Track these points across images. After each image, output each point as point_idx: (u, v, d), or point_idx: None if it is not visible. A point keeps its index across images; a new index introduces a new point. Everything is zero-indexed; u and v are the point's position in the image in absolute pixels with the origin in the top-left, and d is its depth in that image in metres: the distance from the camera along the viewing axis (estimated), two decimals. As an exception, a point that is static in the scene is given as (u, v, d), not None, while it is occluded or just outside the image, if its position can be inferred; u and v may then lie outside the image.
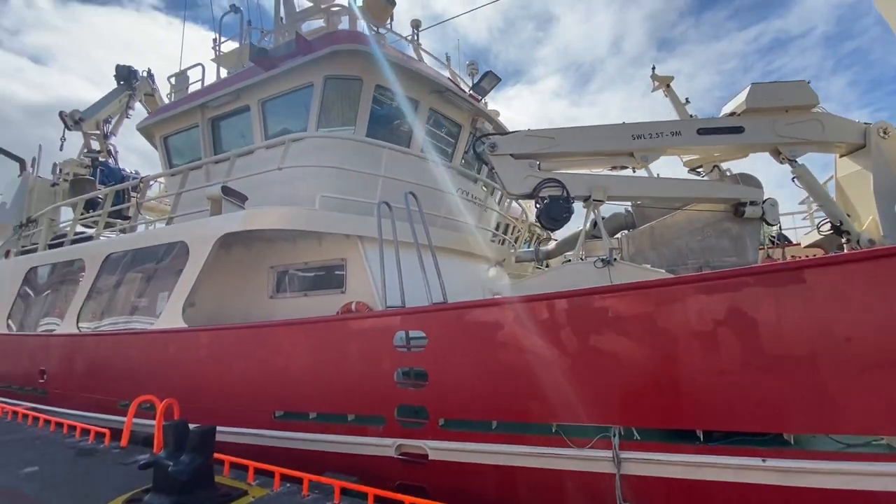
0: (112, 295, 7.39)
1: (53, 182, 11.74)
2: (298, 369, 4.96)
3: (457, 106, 8.15)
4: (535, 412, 3.69)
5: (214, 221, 6.17)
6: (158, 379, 6.16)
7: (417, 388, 4.23)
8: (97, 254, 7.47)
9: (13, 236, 10.12)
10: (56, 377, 7.59)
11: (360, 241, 6.38)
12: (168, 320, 6.22)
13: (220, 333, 5.70)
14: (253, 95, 7.54)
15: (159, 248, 6.81)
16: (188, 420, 5.59)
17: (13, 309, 8.85)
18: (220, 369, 5.57)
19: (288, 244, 7.08)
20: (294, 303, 6.99)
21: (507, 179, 6.52)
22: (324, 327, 4.88)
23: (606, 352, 3.47)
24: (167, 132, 8.78)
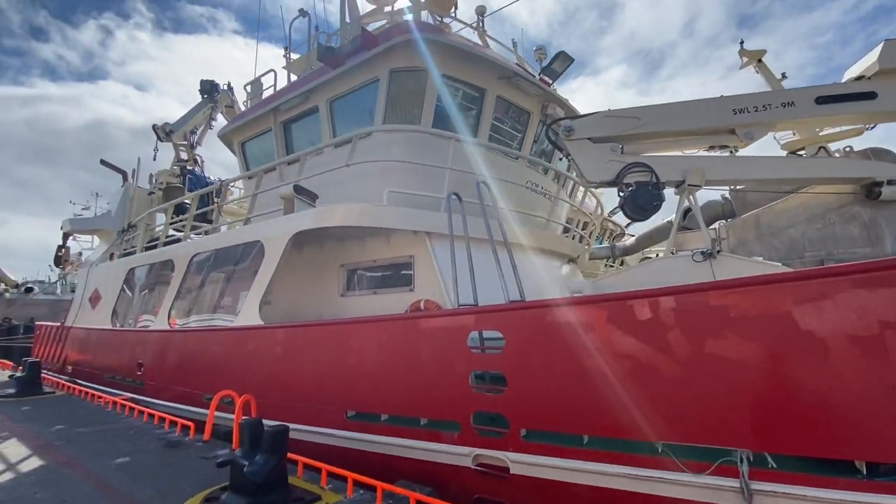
0: (198, 293, 7.78)
1: (150, 191, 12.84)
2: (370, 369, 4.78)
3: (526, 92, 7.67)
4: (636, 428, 3.16)
5: (287, 220, 6.22)
6: (238, 374, 6.33)
7: (495, 394, 3.85)
8: (184, 255, 7.92)
9: (117, 240, 11.15)
10: (151, 370, 8.15)
11: (427, 237, 6.13)
12: (246, 317, 6.37)
13: (293, 331, 5.71)
14: (321, 96, 7.60)
15: (238, 248, 7.04)
16: (264, 416, 5.68)
17: (116, 306, 9.70)
18: (294, 366, 5.57)
19: (357, 242, 7.02)
20: (363, 301, 6.91)
21: (585, 166, 5.95)
22: (394, 326, 4.66)
23: (730, 358, 2.86)
24: (244, 138, 9.16)
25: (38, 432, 5.56)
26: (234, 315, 6.94)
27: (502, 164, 7.48)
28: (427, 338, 4.33)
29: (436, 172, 6.45)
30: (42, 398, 7.92)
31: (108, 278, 10.19)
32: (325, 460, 4.40)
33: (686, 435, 3.00)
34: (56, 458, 4.60)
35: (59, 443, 5.13)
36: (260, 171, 7.53)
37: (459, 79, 6.96)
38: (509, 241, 6.17)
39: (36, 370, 8.29)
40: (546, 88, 7.67)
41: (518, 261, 6.95)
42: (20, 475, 4.08)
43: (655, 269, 5.51)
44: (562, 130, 6.02)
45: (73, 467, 4.30)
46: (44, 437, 5.36)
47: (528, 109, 7.89)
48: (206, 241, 7.68)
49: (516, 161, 7.87)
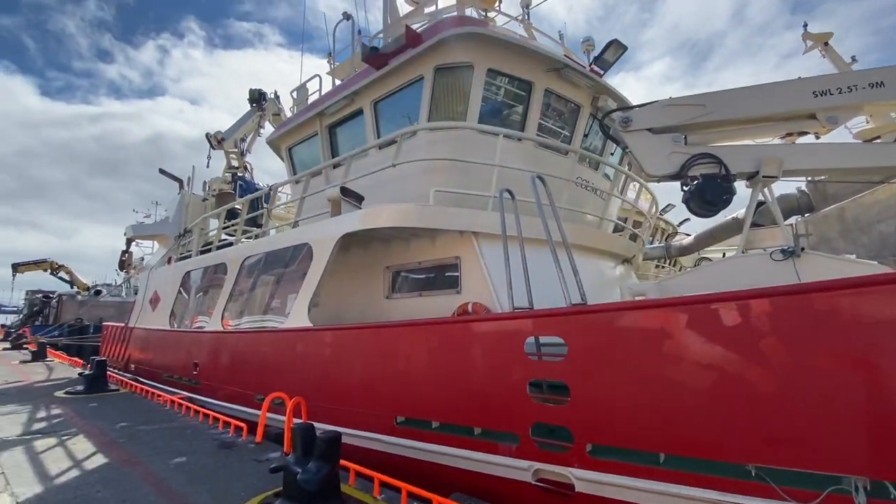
0: (249, 295, 7.94)
1: (203, 197, 13.42)
2: (419, 373, 4.62)
3: (575, 84, 7.32)
4: (723, 447, 2.80)
5: (334, 222, 6.20)
6: (287, 376, 6.36)
7: (556, 405, 3.57)
8: (236, 258, 8.12)
9: (174, 245, 11.68)
10: (206, 369, 8.40)
11: (474, 237, 5.93)
12: (295, 319, 6.39)
13: (342, 333, 5.65)
14: (365, 98, 7.58)
15: (287, 250, 7.11)
16: (313, 418, 5.68)
17: (174, 308, 10.11)
18: (342, 369, 5.51)
19: (402, 243, 6.93)
20: (409, 303, 6.80)
21: (645, 158, 5.56)
22: (446, 329, 4.47)
23: (841, 370, 2.46)
24: (291, 143, 9.32)
25: (104, 429, 5.79)
26: (284, 317, 7.01)
27: (551, 161, 7.18)
28: (480, 342, 4.10)
29: (482, 171, 6.25)
30: (107, 395, 8.34)
31: (166, 281, 10.67)
32: (373, 466, 4.27)
33: (786, 457, 2.62)
34: (119, 455, 4.73)
35: (121, 440, 5.30)
36: (307, 174, 7.59)
37: (506, 72, 6.73)
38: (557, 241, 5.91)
39: (102, 369, 8.76)
40: (598, 79, 7.29)
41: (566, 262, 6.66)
42: (85, 472, 4.21)
43: (727, 269, 5.03)
44: (618, 121, 5.66)
45: (134, 465, 4.39)
46: (108, 434, 5.57)
47: (577, 102, 7.54)
48: (256, 244, 7.83)
49: (566, 157, 7.53)
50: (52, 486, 3.88)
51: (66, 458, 4.64)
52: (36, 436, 5.51)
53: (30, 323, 29.40)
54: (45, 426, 6.00)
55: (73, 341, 22.54)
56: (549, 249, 4.24)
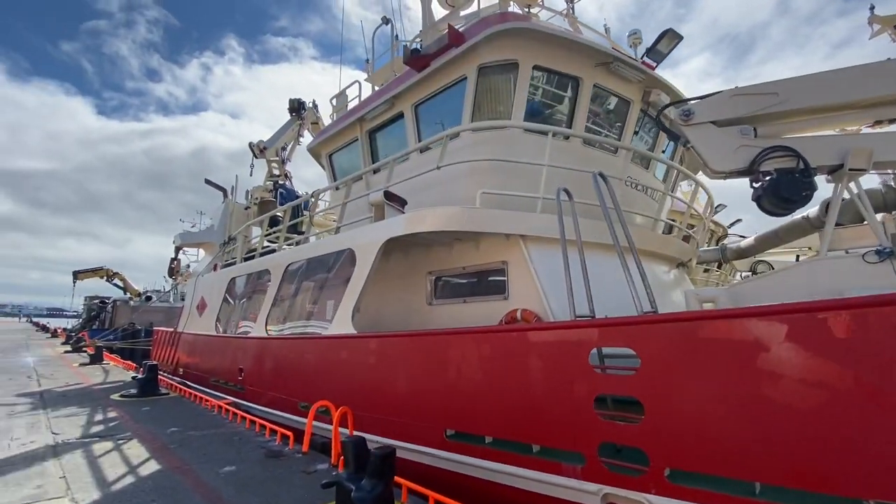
0: (292, 301, 7.97)
1: (246, 206, 13.77)
2: (471, 384, 4.38)
3: (625, 79, 6.95)
4: (835, 478, 2.42)
5: (378, 227, 6.09)
6: (331, 383, 6.28)
7: (628, 423, 3.26)
8: (279, 264, 8.18)
9: (219, 253, 11.99)
10: (250, 375, 8.49)
11: (521, 241, 5.67)
12: (339, 326, 6.32)
13: (387, 340, 5.51)
14: (406, 101, 7.48)
15: (329, 256, 7.08)
16: (359, 428, 5.55)
17: (219, 313, 10.34)
18: (387, 377, 5.35)
19: (444, 249, 6.76)
20: (452, 310, 6.60)
21: (710, 154, 5.15)
22: (501, 338, 4.22)
23: None
24: (331, 150, 9.36)
25: (156, 434, 5.87)
26: (327, 323, 6.96)
27: (600, 160, 6.83)
28: (540, 352, 3.83)
29: (528, 172, 6.01)
30: (159, 399, 8.56)
31: (212, 288, 10.94)
32: (422, 481, 4.07)
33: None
34: (170, 462, 4.74)
35: (172, 446, 5.34)
36: (349, 179, 7.56)
37: (552, 69, 6.45)
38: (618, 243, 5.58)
39: (154, 373, 9.02)
40: (650, 72, 6.89)
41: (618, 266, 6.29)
42: (140, 479, 4.21)
43: (810, 273, 4.55)
44: (678, 115, 5.29)
45: (185, 473, 4.38)
46: (160, 439, 5.63)
47: (627, 98, 7.16)
48: (299, 250, 7.85)
49: (615, 156, 7.16)
50: (108, 493, 3.89)
51: (122, 463, 4.69)
52: (94, 439, 5.65)
53: (88, 327, 31.19)
54: (102, 429, 6.16)
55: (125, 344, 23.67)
56: (615, 253, 3.94)
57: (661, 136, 7.99)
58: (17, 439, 5.55)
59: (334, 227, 7.80)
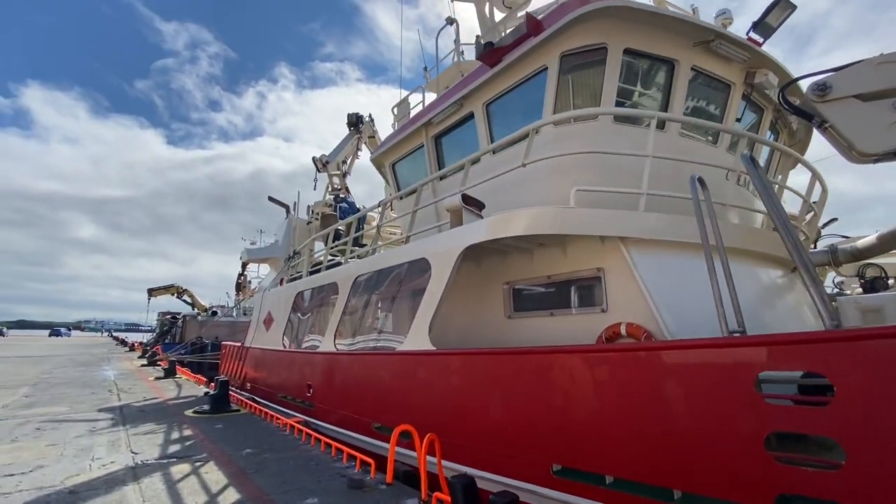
0: (362, 315, 7.65)
1: (308, 220, 13.88)
2: (587, 411, 3.74)
3: (727, 59, 6.14)
4: None
5: (456, 234, 5.62)
6: (408, 404, 5.81)
7: (819, 470, 2.50)
8: (347, 277, 7.91)
9: (284, 267, 12.05)
10: (319, 392, 8.23)
11: (621, 244, 4.97)
12: (414, 341, 5.87)
13: (475, 358, 4.96)
14: (477, 100, 7.04)
15: (401, 267, 6.69)
16: (444, 456, 5.02)
17: (286, 328, 10.26)
18: (476, 400, 4.80)
19: (524, 256, 6.17)
20: (537, 323, 5.98)
21: (857, 133, 4.26)
22: (625, 358, 3.56)
23: None
24: (395, 158, 9.10)
25: (232, 456, 5.64)
26: (400, 337, 6.55)
27: (700, 151, 6.04)
28: (683, 375, 3.14)
29: (618, 169, 5.37)
30: (230, 416, 8.48)
31: (278, 302, 10.93)
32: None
33: None
34: (249, 490, 4.42)
35: (250, 471, 5.05)
36: (419, 186, 7.18)
37: (645, 52, 5.77)
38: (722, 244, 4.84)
39: (225, 389, 9.00)
40: (758, 50, 6.04)
41: (741, 271, 5.41)
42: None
43: None
44: (811, 91, 4.44)
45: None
46: (236, 462, 5.37)
47: (728, 80, 6.32)
48: (369, 261, 7.54)
49: (716, 146, 6.32)
50: (190, 527, 3.58)
51: (201, 489, 4.43)
52: (171, 460, 5.49)
53: (161, 341, 33.00)
54: (178, 449, 6.02)
55: (194, 358, 24.70)
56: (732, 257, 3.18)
57: (763, 124, 7.04)
58: (98, 459, 5.49)
59: (398, 239, 7.43)
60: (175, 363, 16.34)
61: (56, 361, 21.54)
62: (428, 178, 7.40)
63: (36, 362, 21.05)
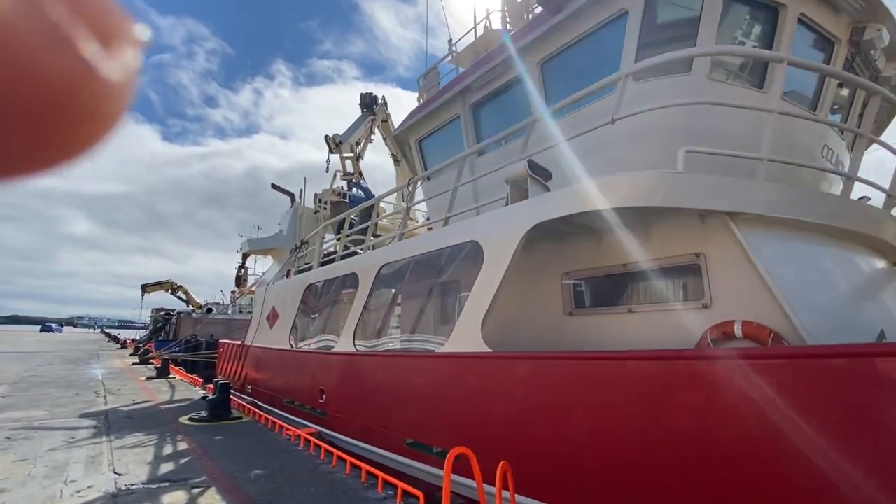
0: (388, 310, 6.59)
1: (316, 209, 12.79)
2: (749, 444, 2.71)
3: (835, 8, 5.15)
4: None
5: (519, 209, 4.58)
6: (454, 418, 4.78)
7: None
8: (370, 267, 6.85)
9: (291, 258, 10.97)
10: (335, 398, 7.17)
11: (731, 222, 3.96)
12: (461, 342, 4.83)
13: (554, 364, 3.93)
14: (531, 58, 6.01)
15: (441, 253, 5.64)
16: (505, 486, 3.99)
17: (294, 325, 9.17)
18: (560, 419, 3.76)
19: (588, 241, 5.15)
20: (609, 322, 4.96)
21: None
22: (813, 367, 2.54)
23: None
24: (423, 134, 8.05)
25: (237, 480, 4.57)
26: (438, 337, 5.51)
27: (797, 120, 5.04)
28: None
29: (718, 132, 4.40)
30: (231, 425, 7.40)
31: (285, 296, 9.85)
32: None
33: None
34: (265, 533, 3.36)
35: (262, 502, 3.98)
36: (458, 160, 6.12)
37: None
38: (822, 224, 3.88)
39: (226, 393, 7.91)
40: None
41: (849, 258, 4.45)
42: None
43: None
44: None
45: (292, 561, 2.95)
46: (244, 490, 4.30)
47: (832, 36, 5.32)
48: (399, 248, 6.46)
49: (814, 112, 5.34)
50: None
51: (201, 533, 3.36)
52: (163, 484, 4.41)
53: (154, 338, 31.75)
54: (172, 469, 4.94)
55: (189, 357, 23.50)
56: None
57: (857, 98, 6.06)
58: (72, 482, 4.41)
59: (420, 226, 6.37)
60: (168, 362, 15.18)
61: (44, 358, 20.32)
62: (469, 149, 6.32)
63: (23, 358, 19.83)
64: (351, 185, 11.18)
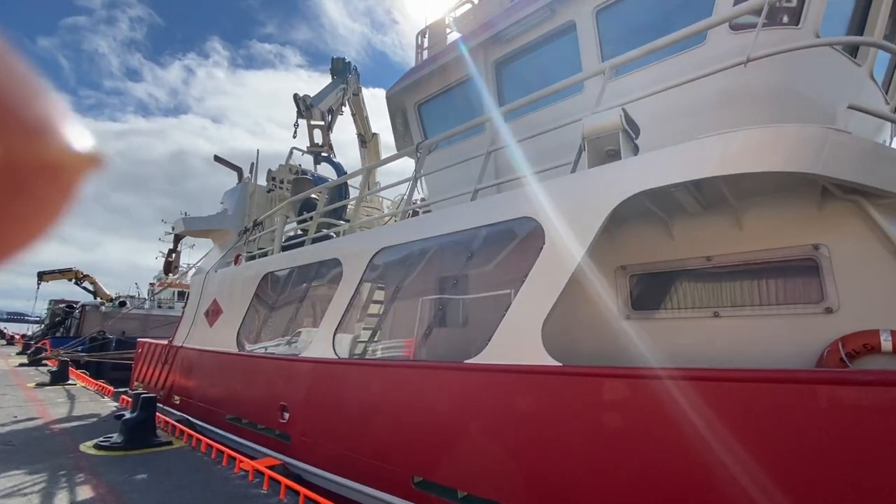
0: (390, 307, 5.15)
1: (269, 188, 10.92)
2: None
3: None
4: None
5: (608, 175, 3.42)
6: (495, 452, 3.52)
7: None
8: (359, 252, 5.36)
9: (239, 241, 9.08)
10: (301, 418, 5.58)
11: (867, 205, 3.13)
12: (506, 350, 3.59)
13: (672, 384, 2.78)
14: (582, 5, 4.92)
15: (477, 234, 4.33)
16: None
17: (244, 323, 7.38)
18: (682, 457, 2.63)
19: (653, 228, 4.17)
20: (684, 328, 3.98)
21: None
22: None
23: None
24: (424, 97, 6.69)
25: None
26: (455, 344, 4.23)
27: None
28: None
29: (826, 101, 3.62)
30: (158, 453, 5.54)
31: (232, 287, 7.99)
32: None
33: None
34: None
35: None
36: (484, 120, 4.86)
37: None
38: None
39: (150, 411, 5.96)
40: None
41: None
42: None
43: None
44: None
45: None
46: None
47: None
48: (406, 227, 5.01)
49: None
50: None
51: None
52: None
53: (51, 334, 27.28)
54: (66, 540, 3.19)
55: (94, 357, 20.02)
56: None
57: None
58: None
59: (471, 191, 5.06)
60: (68, 363, 12.36)
61: None
62: (507, 105, 5.01)
63: None
64: (319, 159, 9.51)
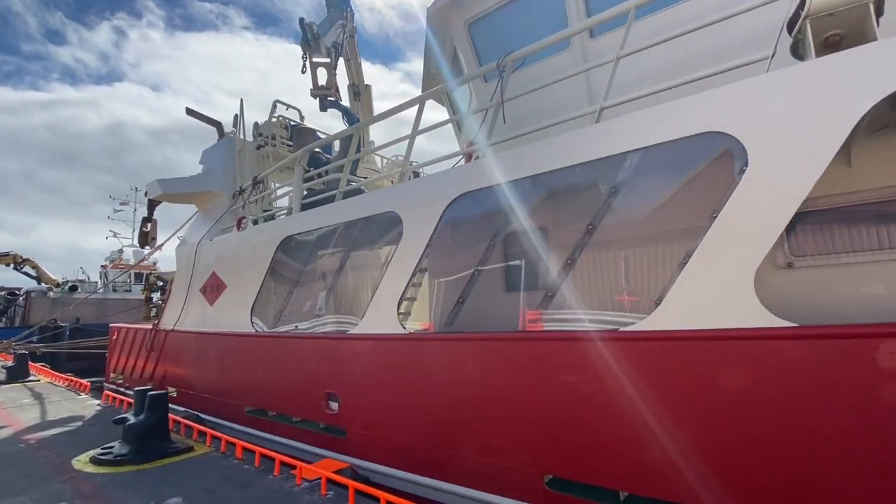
0: (477, 271, 4.09)
1: (258, 144, 9.37)
2: None
3: None
4: None
5: (858, 62, 2.47)
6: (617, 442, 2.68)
7: None
8: (432, 198, 4.24)
9: (234, 205, 7.65)
10: (359, 409, 4.57)
11: None
12: (695, 312, 2.70)
13: None
14: None
15: (622, 161, 3.31)
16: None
17: (259, 297, 6.13)
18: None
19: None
20: (866, 273, 3.24)
21: None
22: None
23: None
24: (476, 13, 5.45)
25: None
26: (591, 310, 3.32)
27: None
28: None
29: None
30: (179, 464, 4.37)
31: (239, 257, 6.66)
32: None
33: None
34: None
35: None
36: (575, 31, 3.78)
37: None
38: None
39: (163, 412, 4.71)
40: None
41: None
42: None
43: None
44: None
45: None
46: None
47: None
48: (505, 161, 3.87)
49: None
50: None
51: None
52: None
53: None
54: None
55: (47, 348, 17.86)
56: None
57: None
58: None
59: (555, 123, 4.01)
60: (26, 357, 10.58)
61: None
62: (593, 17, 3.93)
63: None
64: (325, 104, 8.08)
